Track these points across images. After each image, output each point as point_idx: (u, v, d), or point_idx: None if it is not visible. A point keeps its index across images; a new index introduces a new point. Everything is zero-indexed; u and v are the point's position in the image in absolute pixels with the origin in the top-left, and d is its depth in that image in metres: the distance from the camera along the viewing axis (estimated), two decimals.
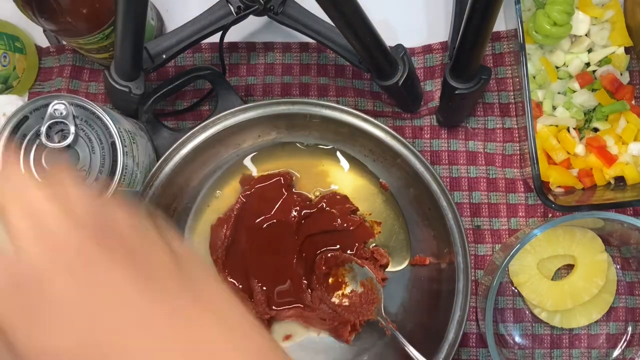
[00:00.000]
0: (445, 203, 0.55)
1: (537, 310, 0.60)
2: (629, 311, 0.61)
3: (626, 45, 0.61)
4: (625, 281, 0.61)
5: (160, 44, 0.56)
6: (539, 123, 0.61)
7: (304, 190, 0.61)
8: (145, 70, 0.56)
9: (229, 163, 0.61)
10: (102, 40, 0.56)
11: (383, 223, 0.61)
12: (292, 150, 0.62)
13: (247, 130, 0.59)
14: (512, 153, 0.63)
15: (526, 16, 0.62)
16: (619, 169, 0.59)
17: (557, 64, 0.62)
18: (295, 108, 0.57)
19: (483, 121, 0.63)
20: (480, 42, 0.49)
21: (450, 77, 0.54)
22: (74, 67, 0.64)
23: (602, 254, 0.60)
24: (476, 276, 0.61)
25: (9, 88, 0.62)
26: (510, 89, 0.63)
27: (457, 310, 0.54)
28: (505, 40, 0.64)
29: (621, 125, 0.60)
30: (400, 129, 0.63)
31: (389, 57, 0.54)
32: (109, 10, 0.53)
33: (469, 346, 0.60)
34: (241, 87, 0.64)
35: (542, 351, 0.61)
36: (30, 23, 0.53)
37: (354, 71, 0.64)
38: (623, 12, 0.62)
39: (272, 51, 0.65)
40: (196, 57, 0.65)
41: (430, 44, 0.64)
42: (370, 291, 0.58)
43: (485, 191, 0.62)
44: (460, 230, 0.55)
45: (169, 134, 0.60)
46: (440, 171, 0.62)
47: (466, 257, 0.54)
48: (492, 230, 0.62)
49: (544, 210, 0.62)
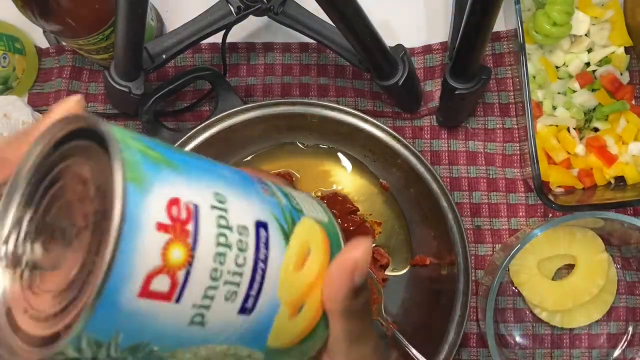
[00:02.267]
0: (446, 203, 0.55)
1: (537, 310, 0.60)
2: (629, 311, 0.61)
3: (626, 45, 0.61)
4: (625, 281, 0.61)
5: (160, 44, 0.56)
6: (539, 123, 0.60)
7: (304, 191, 0.61)
8: (145, 71, 0.56)
9: (229, 163, 0.61)
10: (101, 41, 0.56)
11: (383, 223, 0.61)
12: (292, 150, 0.61)
13: (247, 130, 0.59)
14: (512, 153, 0.62)
15: (526, 16, 0.62)
16: (619, 168, 0.59)
17: (557, 64, 0.62)
18: (295, 108, 0.57)
19: (483, 121, 0.63)
20: (480, 42, 0.49)
21: (450, 77, 0.54)
22: (74, 68, 0.64)
23: (603, 253, 0.60)
24: (476, 276, 0.61)
25: (9, 89, 0.62)
26: (510, 89, 0.63)
27: (458, 310, 0.54)
28: (505, 41, 0.64)
29: (621, 125, 0.60)
30: (401, 129, 0.63)
31: (389, 57, 0.54)
32: (108, 11, 0.53)
33: (470, 346, 0.60)
34: (241, 87, 0.64)
35: (543, 351, 0.61)
36: (30, 24, 0.53)
37: (354, 71, 0.64)
38: (623, 11, 0.62)
39: (272, 51, 0.65)
40: (196, 58, 0.65)
41: (430, 44, 0.64)
42: (371, 291, 0.58)
43: (486, 191, 0.62)
44: (461, 230, 0.55)
45: (169, 135, 0.60)
46: (440, 171, 0.62)
47: (466, 257, 0.54)
48: (493, 230, 0.62)
49: (544, 210, 0.62)
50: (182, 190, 0.21)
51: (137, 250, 0.19)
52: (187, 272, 0.20)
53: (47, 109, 0.64)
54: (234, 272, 0.22)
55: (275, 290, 0.23)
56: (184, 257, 0.20)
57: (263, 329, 0.24)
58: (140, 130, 0.63)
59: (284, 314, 0.24)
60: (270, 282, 0.23)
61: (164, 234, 0.19)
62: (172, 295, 0.20)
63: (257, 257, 0.23)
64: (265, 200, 0.24)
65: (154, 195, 0.20)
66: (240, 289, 0.22)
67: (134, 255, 0.19)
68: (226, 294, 0.21)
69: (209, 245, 0.21)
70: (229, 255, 0.21)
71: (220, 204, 0.22)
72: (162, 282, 0.19)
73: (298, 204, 0.26)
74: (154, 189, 0.20)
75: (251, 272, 0.22)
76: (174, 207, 0.20)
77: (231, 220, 0.22)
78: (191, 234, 0.20)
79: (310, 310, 0.25)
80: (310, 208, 0.27)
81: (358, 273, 0.25)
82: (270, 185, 0.26)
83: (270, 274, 0.23)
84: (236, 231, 0.22)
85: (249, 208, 0.23)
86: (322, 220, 0.27)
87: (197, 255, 0.20)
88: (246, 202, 0.23)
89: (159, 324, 0.20)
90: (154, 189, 0.20)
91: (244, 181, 0.24)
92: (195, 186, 0.21)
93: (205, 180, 0.22)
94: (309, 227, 0.25)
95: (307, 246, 0.25)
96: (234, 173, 0.25)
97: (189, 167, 0.22)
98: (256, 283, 0.23)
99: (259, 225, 0.23)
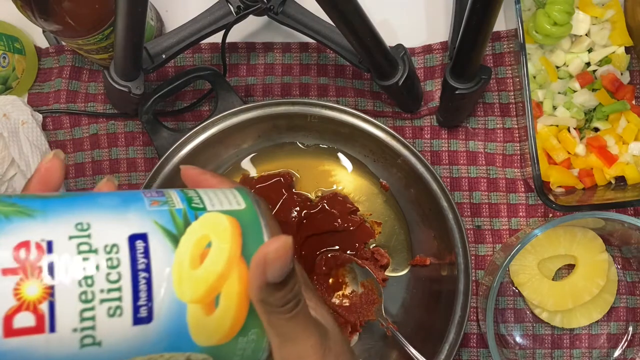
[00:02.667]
0: (446, 203, 0.55)
1: (537, 310, 0.60)
2: (629, 311, 0.61)
3: (626, 45, 0.61)
4: (626, 281, 0.61)
5: (160, 44, 0.56)
6: (539, 123, 0.60)
7: (304, 191, 0.61)
8: (144, 71, 0.56)
9: (229, 163, 0.61)
10: (101, 40, 0.56)
11: (383, 223, 0.61)
12: (292, 150, 0.61)
13: (247, 130, 0.59)
14: (512, 153, 0.62)
15: (526, 16, 0.62)
16: (620, 168, 0.59)
17: (557, 64, 0.62)
18: (295, 108, 0.57)
19: (483, 121, 0.63)
20: (480, 42, 0.49)
21: (450, 77, 0.54)
22: (73, 68, 0.64)
23: (603, 253, 0.60)
24: (477, 276, 0.61)
25: (9, 89, 0.62)
26: (511, 89, 0.63)
27: (458, 310, 0.54)
28: (506, 40, 0.64)
29: (622, 125, 0.60)
30: (401, 129, 0.63)
31: (389, 57, 0.54)
32: (108, 10, 0.53)
33: (470, 346, 0.60)
34: (241, 87, 0.64)
35: (543, 351, 0.61)
36: (29, 24, 0.53)
37: (354, 71, 0.64)
38: (623, 11, 0.62)
39: (272, 51, 0.65)
40: (196, 58, 0.65)
41: (431, 44, 0.64)
42: (371, 292, 0.58)
43: (486, 191, 0.62)
44: (461, 230, 0.55)
45: (169, 135, 0.60)
46: (440, 171, 0.62)
47: (467, 257, 0.54)
48: (493, 231, 0.62)
49: (544, 210, 0.62)
50: (34, 233, 0.23)
51: None
52: (50, 303, 0.22)
53: (46, 109, 0.64)
54: (108, 289, 0.23)
55: (171, 292, 0.24)
56: (41, 291, 0.22)
57: (180, 331, 0.24)
58: (140, 129, 0.63)
59: (196, 311, 0.24)
60: (161, 286, 0.24)
61: (12, 276, 0.22)
62: (43, 326, 0.22)
63: (135, 268, 0.24)
64: (149, 212, 0.25)
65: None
66: (124, 302, 0.23)
67: None
68: (108, 310, 0.23)
69: (69, 273, 0.23)
70: (98, 276, 0.23)
71: (81, 232, 0.24)
72: (25, 318, 0.22)
73: (202, 202, 0.27)
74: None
75: (131, 284, 0.23)
76: (22, 250, 0.22)
77: (95, 243, 0.23)
78: (45, 268, 0.22)
79: (230, 300, 0.25)
80: (221, 202, 0.27)
81: (270, 269, 0.25)
82: (167, 196, 0.27)
83: (159, 279, 0.24)
84: (103, 251, 0.23)
85: (121, 225, 0.24)
86: (233, 209, 0.27)
87: (57, 285, 0.22)
88: (118, 221, 0.25)
89: (45, 355, 0.22)
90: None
91: (123, 202, 0.26)
92: (53, 223, 0.24)
93: (65, 215, 0.24)
94: (210, 221, 0.26)
95: (206, 240, 0.25)
96: (112, 197, 0.26)
97: (50, 208, 0.24)
98: (142, 292, 0.24)
99: (135, 238, 0.24)
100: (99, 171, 0.63)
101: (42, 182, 0.28)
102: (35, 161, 0.59)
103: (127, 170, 0.63)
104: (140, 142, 0.63)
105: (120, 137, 0.63)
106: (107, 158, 0.63)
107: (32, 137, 0.59)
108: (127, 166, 0.63)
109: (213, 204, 0.27)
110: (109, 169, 0.63)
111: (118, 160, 0.63)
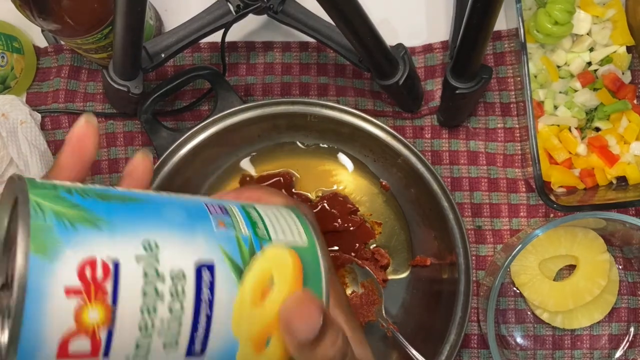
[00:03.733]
0: (447, 203, 0.55)
1: (538, 311, 0.60)
2: (631, 312, 0.61)
3: (628, 44, 0.61)
4: (627, 281, 0.61)
5: (159, 43, 0.56)
6: (540, 123, 0.60)
7: (304, 191, 0.61)
8: (144, 70, 0.56)
9: (229, 163, 0.61)
10: (100, 40, 0.56)
11: (384, 224, 0.61)
12: (292, 150, 0.61)
13: (247, 130, 0.59)
14: (513, 153, 0.62)
15: (527, 15, 0.61)
16: (621, 168, 0.59)
17: (558, 63, 0.62)
18: (295, 108, 0.57)
19: (484, 121, 0.63)
20: (481, 41, 0.48)
21: (451, 77, 0.54)
22: (72, 67, 0.64)
23: (604, 254, 0.60)
24: (477, 277, 0.60)
25: (7, 88, 0.62)
26: (512, 89, 0.63)
27: (459, 311, 0.54)
28: (506, 40, 0.64)
29: (623, 124, 0.60)
30: (401, 128, 0.63)
31: (390, 57, 0.54)
32: (107, 9, 0.53)
33: (471, 347, 0.60)
34: (241, 86, 0.64)
35: (544, 352, 0.61)
36: (28, 23, 0.53)
37: (354, 70, 0.64)
38: (625, 11, 0.62)
39: (272, 50, 0.65)
40: (195, 57, 0.65)
41: (431, 43, 0.64)
42: (371, 292, 0.58)
43: (487, 191, 0.62)
44: (462, 230, 0.54)
45: (168, 134, 0.59)
46: (441, 171, 0.62)
47: (467, 257, 0.54)
48: (494, 231, 0.61)
49: (545, 211, 0.61)
50: (101, 248, 0.21)
51: (46, 317, 0.19)
52: (109, 330, 0.21)
53: (45, 108, 0.63)
54: (169, 320, 0.22)
55: (229, 329, 0.23)
56: (102, 316, 0.20)
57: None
58: (139, 129, 0.63)
59: (246, 350, 0.23)
60: (220, 322, 0.23)
61: (74, 298, 0.20)
62: (97, 353, 0.21)
63: (199, 301, 0.22)
64: (216, 236, 0.24)
65: (62, 262, 0.20)
66: (181, 335, 0.22)
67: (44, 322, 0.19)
68: (165, 341, 0.22)
69: (133, 301, 0.21)
70: (160, 306, 0.21)
71: (148, 252, 0.22)
72: (82, 344, 0.20)
73: (267, 230, 0.25)
74: (62, 255, 0.20)
75: (192, 317, 0.22)
76: (88, 268, 0.20)
77: (163, 267, 0.22)
78: (109, 292, 0.21)
79: (280, 342, 0.24)
80: (284, 231, 0.26)
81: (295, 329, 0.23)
82: (232, 216, 0.25)
83: (220, 315, 0.23)
84: (169, 279, 0.22)
85: (189, 249, 0.23)
86: (296, 244, 0.26)
87: (119, 312, 0.21)
88: (186, 243, 0.23)
89: None
90: (62, 255, 0.20)
91: (190, 219, 0.24)
92: (120, 238, 0.21)
93: (132, 230, 0.22)
94: (274, 256, 0.24)
95: (269, 277, 0.24)
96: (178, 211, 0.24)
97: (116, 218, 0.22)
98: (201, 327, 0.22)
99: (202, 267, 0.22)
100: (97, 171, 0.63)
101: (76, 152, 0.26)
102: (34, 161, 0.58)
103: None
104: (139, 142, 0.63)
105: (119, 136, 0.63)
106: (105, 158, 0.63)
107: (31, 136, 0.59)
108: (126, 166, 0.63)
109: (277, 233, 0.25)
110: (108, 169, 0.63)
111: (117, 160, 0.63)
